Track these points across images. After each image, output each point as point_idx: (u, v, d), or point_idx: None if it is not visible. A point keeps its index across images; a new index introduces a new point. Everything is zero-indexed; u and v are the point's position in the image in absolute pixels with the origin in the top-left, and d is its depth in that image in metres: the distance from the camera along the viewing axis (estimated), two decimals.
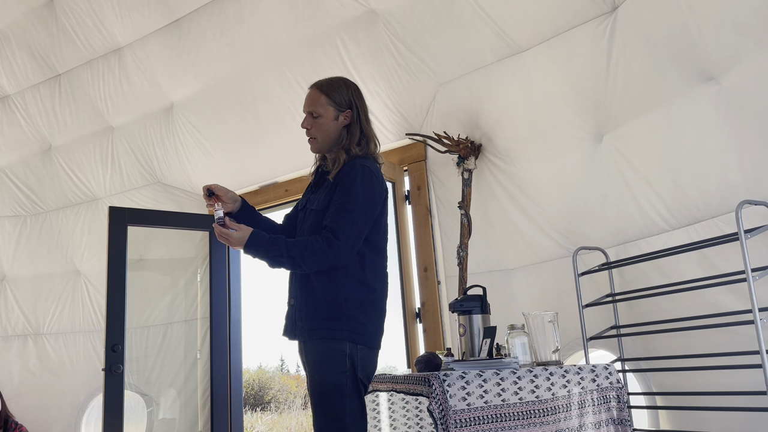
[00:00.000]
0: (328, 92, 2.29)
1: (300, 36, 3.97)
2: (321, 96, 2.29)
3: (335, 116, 2.28)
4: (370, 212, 2.20)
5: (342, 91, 2.30)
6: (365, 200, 2.18)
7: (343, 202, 2.16)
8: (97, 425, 4.97)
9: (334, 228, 2.13)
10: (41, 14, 4.78)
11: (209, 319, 4.56)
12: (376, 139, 2.36)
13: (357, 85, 2.39)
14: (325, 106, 2.28)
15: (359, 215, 2.16)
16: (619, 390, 2.51)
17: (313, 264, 2.13)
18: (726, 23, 2.45)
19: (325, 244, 2.11)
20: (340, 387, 2.13)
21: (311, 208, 2.30)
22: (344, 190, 2.18)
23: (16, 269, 5.46)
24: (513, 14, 3.24)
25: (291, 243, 2.15)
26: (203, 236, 4.73)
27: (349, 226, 2.13)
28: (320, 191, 2.31)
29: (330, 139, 2.30)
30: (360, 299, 2.19)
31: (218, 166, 4.67)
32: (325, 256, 2.11)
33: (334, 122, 2.29)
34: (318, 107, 2.29)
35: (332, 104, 2.28)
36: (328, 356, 2.14)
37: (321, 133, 2.30)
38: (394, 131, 3.93)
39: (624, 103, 2.93)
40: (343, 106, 2.29)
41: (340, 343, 2.14)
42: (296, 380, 13.86)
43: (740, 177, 2.50)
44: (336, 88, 2.30)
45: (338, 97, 2.29)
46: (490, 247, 3.55)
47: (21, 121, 5.26)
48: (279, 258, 2.14)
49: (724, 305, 2.52)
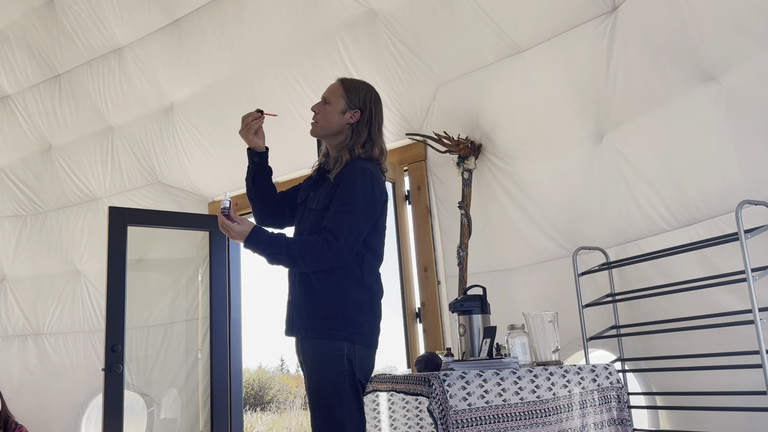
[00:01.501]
0: (347, 87, 2.36)
1: (300, 36, 3.97)
2: (340, 88, 2.36)
3: (343, 110, 2.33)
4: (369, 214, 2.22)
5: (360, 92, 2.36)
6: (365, 202, 2.20)
7: (344, 203, 2.18)
8: (97, 425, 4.97)
9: (334, 229, 2.14)
10: (41, 14, 4.78)
11: (209, 319, 4.56)
12: (383, 148, 2.39)
13: (380, 96, 2.44)
14: (338, 97, 2.34)
15: (359, 217, 2.17)
16: (619, 390, 2.51)
17: (311, 263, 2.15)
18: (726, 23, 2.45)
19: (325, 245, 2.13)
20: (337, 387, 2.14)
21: (311, 207, 2.32)
22: (345, 191, 2.20)
23: (16, 269, 5.46)
24: (513, 14, 3.24)
25: (291, 241, 2.17)
26: (203, 236, 4.73)
27: (348, 227, 2.15)
28: (320, 190, 2.33)
29: (328, 128, 2.34)
30: (358, 299, 2.20)
31: (218, 166, 4.67)
32: (323, 256, 2.13)
33: (339, 115, 2.33)
34: (332, 95, 2.35)
35: (345, 98, 2.34)
36: (326, 356, 2.15)
37: (323, 119, 2.34)
38: (394, 131, 3.93)
39: (624, 103, 2.93)
40: (355, 104, 2.34)
41: (338, 343, 2.15)
42: (296, 380, 13.86)
43: (740, 177, 2.50)
44: (356, 88, 2.37)
45: (353, 95, 2.34)
46: (490, 247, 3.55)
47: (21, 121, 5.26)
48: (278, 255, 2.16)
49: (724, 305, 2.52)
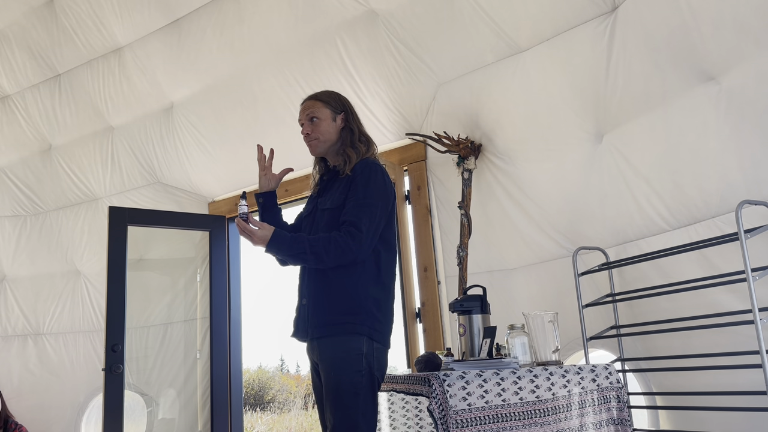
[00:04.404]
0: (323, 98, 2.43)
1: (300, 36, 3.97)
2: (317, 102, 2.42)
3: (333, 117, 2.40)
4: (385, 208, 2.26)
5: (333, 98, 2.45)
6: (380, 196, 2.24)
7: (362, 197, 2.22)
8: (97, 425, 4.97)
9: (355, 222, 2.17)
10: (41, 14, 4.78)
11: (209, 319, 4.56)
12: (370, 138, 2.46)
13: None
14: (321, 110, 2.40)
15: (377, 209, 2.22)
16: (619, 390, 2.51)
17: (336, 257, 2.16)
18: (726, 23, 2.45)
19: (349, 237, 2.15)
20: (355, 386, 2.14)
21: (323, 208, 2.34)
22: (361, 186, 2.23)
23: (16, 269, 5.46)
24: (513, 14, 3.24)
25: (313, 240, 2.18)
26: (203, 236, 4.73)
27: (369, 219, 2.18)
28: (331, 191, 2.35)
29: (331, 139, 2.39)
30: (378, 297, 2.23)
31: (218, 166, 4.67)
32: (348, 248, 2.15)
33: (332, 123, 2.39)
34: (315, 111, 2.40)
35: (328, 108, 2.41)
36: (345, 355, 2.15)
37: (321, 134, 2.39)
38: (394, 131, 3.93)
39: (624, 103, 2.93)
40: (338, 109, 2.42)
41: (358, 340, 2.15)
42: (296, 380, 13.86)
43: (740, 177, 2.50)
44: (329, 96, 2.45)
45: (332, 102, 2.43)
46: (490, 247, 3.55)
47: (21, 121, 5.26)
48: (302, 255, 2.17)
49: (724, 305, 2.52)
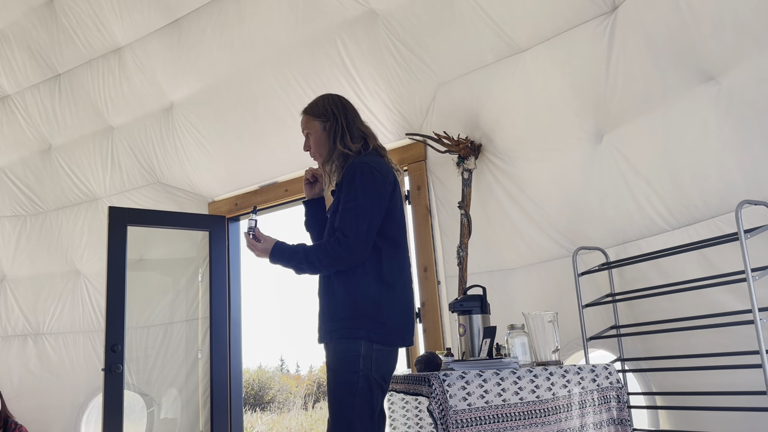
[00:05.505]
0: (311, 112, 2.47)
1: (300, 36, 3.97)
2: (306, 117, 2.48)
3: (323, 127, 2.43)
4: (376, 206, 2.24)
5: (319, 106, 2.46)
6: (366, 195, 2.23)
7: (346, 201, 2.24)
8: (97, 425, 4.97)
9: (342, 227, 2.21)
10: (41, 14, 4.78)
11: (209, 318, 4.56)
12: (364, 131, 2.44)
13: (339, 95, 2.52)
14: (311, 123, 2.45)
15: (363, 211, 2.21)
16: (619, 390, 2.51)
17: (329, 264, 2.21)
18: (726, 23, 2.45)
19: (336, 244, 2.19)
20: (351, 387, 2.15)
21: (328, 215, 2.42)
22: (346, 191, 2.26)
23: (16, 269, 5.46)
24: (513, 14, 3.24)
25: (308, 249, 2.25)
26: (203, 236, 4.73)
27: (355, 222, 2.19)
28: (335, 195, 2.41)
29: (325, 151, 2.43)
30: (377, 297, 2.21)
31: (218, 166, 4.67)
32: (337, 255, 2.19)
33: (323, 133, 2.43)
34: (307, 126, 2.47)
35: (316, 119, 2.44)
36: (343, 356, 2.18)
37: (316, 147, 2.45)
38: (394, 131, 3.93)
39: (624, 103, 2.93)
40: (325, 117, 2.44)
41: (356, 343, 2.17)
42: (296, 380, 13.86)
43: (740, 177, 2.50)
44: (314, 105, 2.48)
45: (318, 112, 2.45)
46: (490, 247, 3.55)
47: (21, 121, 5.26)
48: (300, 265, 2.25)
49: (724, 305, 2.52)
